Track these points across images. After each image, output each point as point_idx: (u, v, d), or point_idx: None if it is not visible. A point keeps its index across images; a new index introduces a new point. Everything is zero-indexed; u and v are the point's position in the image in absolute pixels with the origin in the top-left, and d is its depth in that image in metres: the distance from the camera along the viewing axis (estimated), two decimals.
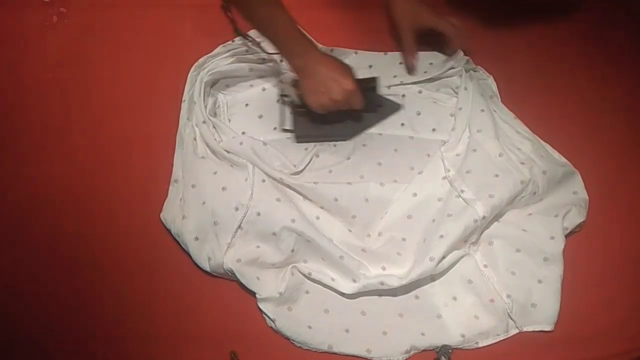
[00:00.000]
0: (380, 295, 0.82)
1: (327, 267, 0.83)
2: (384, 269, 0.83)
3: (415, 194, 0.86)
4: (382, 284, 0.80)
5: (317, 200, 0.85)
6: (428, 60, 0.98)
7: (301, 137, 0.91)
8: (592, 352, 0.80)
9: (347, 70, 0.83)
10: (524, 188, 0.84)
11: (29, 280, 0.83)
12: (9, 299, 0.82)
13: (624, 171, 0.92)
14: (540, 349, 0.80)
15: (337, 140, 0.91)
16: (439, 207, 0.84)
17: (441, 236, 0.80)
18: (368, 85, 0.88)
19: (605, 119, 0.96)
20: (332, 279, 0.81)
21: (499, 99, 0.96)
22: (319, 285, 0.82)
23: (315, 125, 0.90)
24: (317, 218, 0.85)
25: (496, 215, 0.85)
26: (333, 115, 0.87)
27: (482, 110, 0.91)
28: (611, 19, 1.05)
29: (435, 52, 0.98)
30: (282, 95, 0.93)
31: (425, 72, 0.97)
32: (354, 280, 0.80)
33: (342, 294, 0.81)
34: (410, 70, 0.97)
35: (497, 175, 0.85)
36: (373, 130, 0.93)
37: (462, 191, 0.84)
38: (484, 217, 0.81)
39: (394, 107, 0.94)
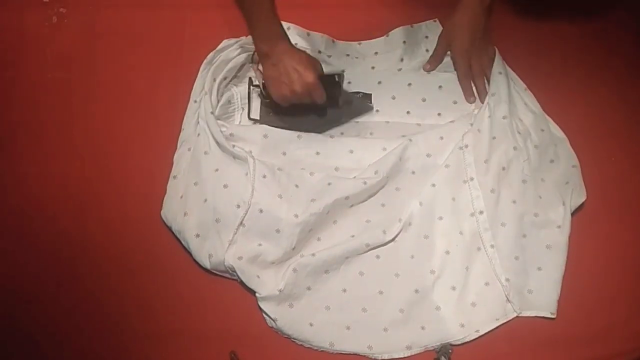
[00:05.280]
0: (381, 292, 0.82)
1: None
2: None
3: (442, 137, 0.89)
4: (384, 232, 0.83)
5: (330, 158, 0.87)
6: (423, 34, 1.00)
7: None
8: (593, 351, 0.80)
9: (312, 63, 0.83)
10: (517, 155, 0.86)
11: (29, 280, 0.83)
12: (9, 299, 0.82)
13: (626, 169, 0.92)
14: (541, 348, 0.80)
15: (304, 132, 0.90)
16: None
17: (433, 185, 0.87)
18: (331, 80, 0.87)
19: (606, 116, 0.96)
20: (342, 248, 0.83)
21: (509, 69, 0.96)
22: (320, 282, 0.82)
23: (281, 117, 0.90)
24: (329, 184, 0.84)
25: (510, 196, 0.85)
26: (297, 108, 0.87)
27: (500, 73, 0.92)
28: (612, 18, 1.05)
29: (431, 24, 1.00)
30: (252, 85, 0.92)
31: (427, 50, 0.98)
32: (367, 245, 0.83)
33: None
34: (469, 98, 0.94)
35: (494, 138, 0.87)
36: (378, 119, 0.92)
37: (466, 146, 0.87)
38: (472, 179, 0.86)
39: (365, 107, 0.92)
